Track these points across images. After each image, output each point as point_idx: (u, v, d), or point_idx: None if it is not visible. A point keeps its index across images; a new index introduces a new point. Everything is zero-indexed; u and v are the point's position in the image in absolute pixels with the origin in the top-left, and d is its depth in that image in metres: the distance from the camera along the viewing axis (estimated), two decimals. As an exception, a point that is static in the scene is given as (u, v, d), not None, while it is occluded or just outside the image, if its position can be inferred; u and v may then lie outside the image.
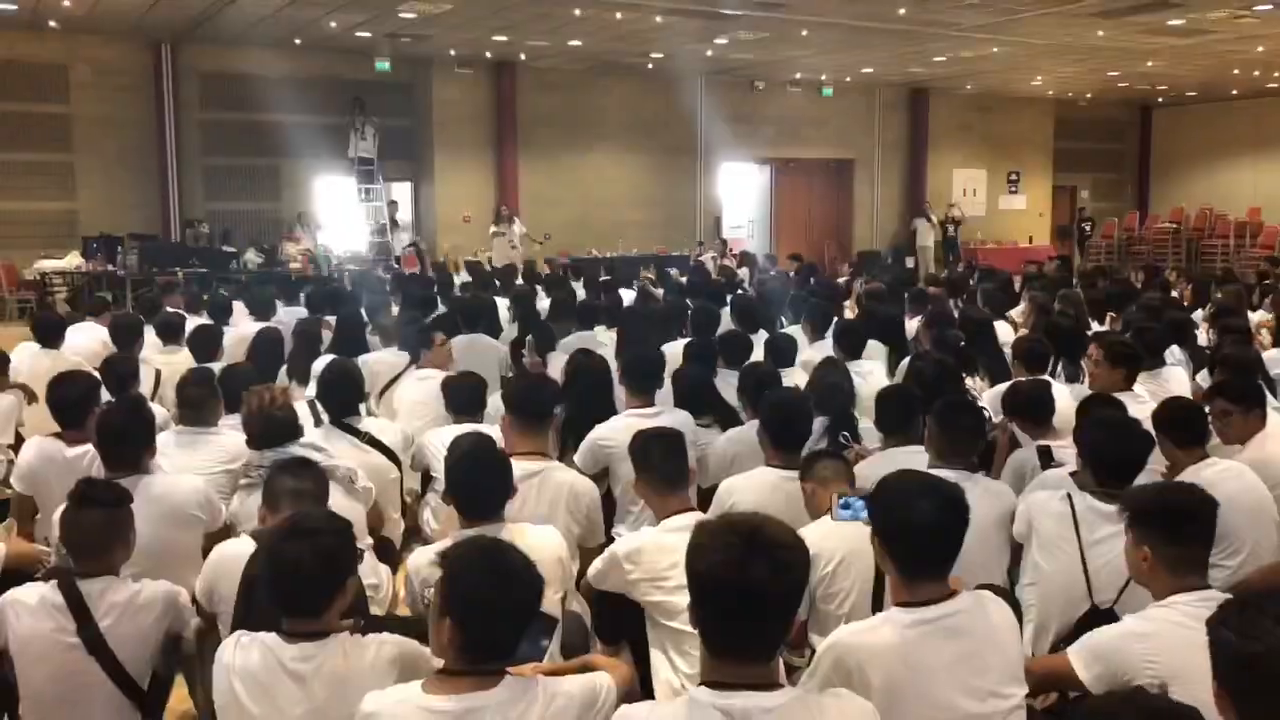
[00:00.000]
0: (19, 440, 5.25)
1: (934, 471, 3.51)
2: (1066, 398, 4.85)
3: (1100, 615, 3.07)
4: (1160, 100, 24.55)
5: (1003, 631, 2.47)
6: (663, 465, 3.36)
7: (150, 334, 7.13)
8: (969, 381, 5.77)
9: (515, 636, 2.26)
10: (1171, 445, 3.86)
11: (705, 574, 2.01)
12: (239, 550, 3.12)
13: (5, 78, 15.30)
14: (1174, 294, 10.08)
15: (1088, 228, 23.29)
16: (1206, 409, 4.16)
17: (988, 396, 5.46)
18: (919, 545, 2.46)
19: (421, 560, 3.19)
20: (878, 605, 2.94)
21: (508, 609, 2.22)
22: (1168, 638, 2.50)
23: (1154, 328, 6.23)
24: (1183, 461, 3.82)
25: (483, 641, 2.22)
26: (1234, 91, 22.30)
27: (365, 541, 3.48)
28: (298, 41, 16.06)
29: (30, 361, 6.52)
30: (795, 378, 5.48)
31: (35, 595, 2.95)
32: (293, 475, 3.25)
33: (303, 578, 2.46)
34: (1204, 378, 5.76)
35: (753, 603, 1.96)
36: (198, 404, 4.51)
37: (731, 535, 2.02)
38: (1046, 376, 5.23)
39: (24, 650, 2.92)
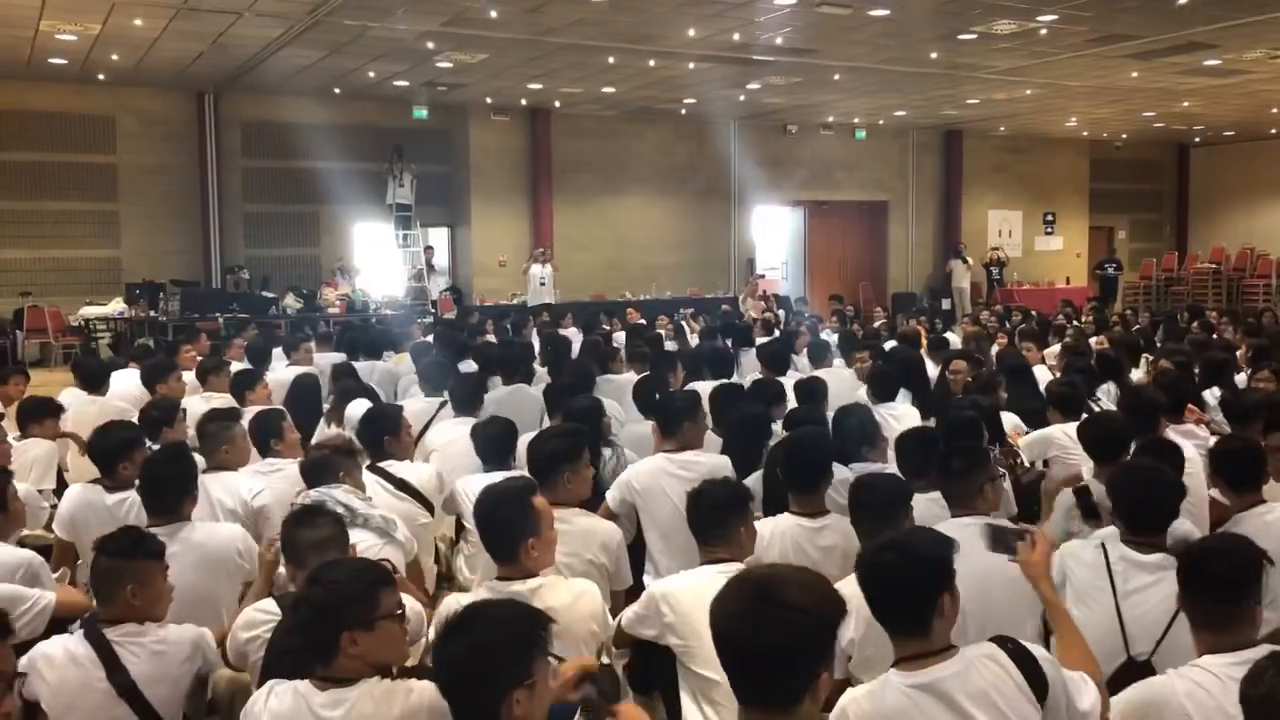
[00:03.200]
0: (63, 485, 5.34)
1: (956, 520, 3.51)
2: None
3: (1136, 668, 3.01)
4: (1197, 140, 24.40)
5: (1006, 697, 2.36)
6: (694, 523, 3.37)
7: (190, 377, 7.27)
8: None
9: (482, 701, 2.20)
10: (1226, 486, 3.79)
11: (714, 623, 2.04)
12: (266, 613, 3.13)
13: (55, 130, 15.73)
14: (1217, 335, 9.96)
15: (1111, 268, 23.00)
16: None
17: (1024, 442, 5.43)
18: (884, 603, 2.45)
19: (454, 607, 3.19)
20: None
21: (455, 670, 2.20)
22: (1208, 696, 2.46)
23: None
24: (1236, 504, 3.75)
25: (465, 709, 2.22)
26: (1272, 130, 22.13)
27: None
28: (337, 90, 16.38)
29: (77, 408, 6.62)
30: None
31: (60, 648, 2.99)
32: (309, 525, 3.22)
33: (301, 627, 2.50)
34: None
35: (752, 657, 1.97)
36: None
37: (746, 587, 2.04)
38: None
39: (56, 701, 2.95)
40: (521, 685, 2.19)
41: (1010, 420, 5.78)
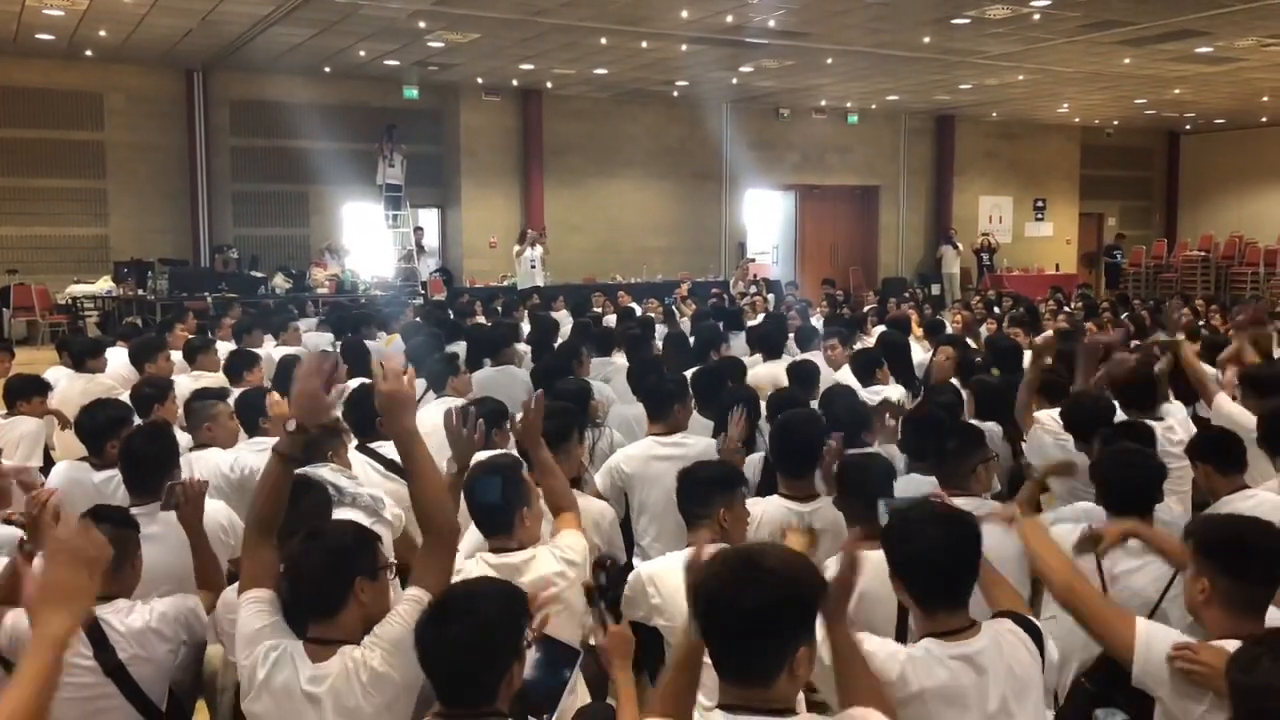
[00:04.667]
0: (50, 463, 5.31)
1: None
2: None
3: (1123, 650, 3.03)
4: (1188, 127, 24.44)
5: (1023, 667, 2.43)
6: (681, 502, 3.39)
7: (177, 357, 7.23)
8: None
9: (483, 679, 2.21)
10: (1214, 470, 3.81)
11: (700, 590, 2.06)
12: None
13: (42, 106, 15.61)
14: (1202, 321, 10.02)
15: (1119, 255, 23.03)
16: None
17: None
18: (934, 576, 2.46)
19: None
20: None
21: (459, 651, 2.19)
22: None
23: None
24: (1221, 489, 3.78)
25: (447, 689, 2.23)
26: (1263, 119, 22.18)
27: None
28: (327, 69, 16.28)
29: (63, 386, 6.58)
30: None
31: None
32: (294, 501, 3.14)
33: (312, 576, 2.48)
34: None
35: (733, 621, 1.98)
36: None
37: (731, 555, 2.09)
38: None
39: None
40: (518, 659, 2.26)
41: None
